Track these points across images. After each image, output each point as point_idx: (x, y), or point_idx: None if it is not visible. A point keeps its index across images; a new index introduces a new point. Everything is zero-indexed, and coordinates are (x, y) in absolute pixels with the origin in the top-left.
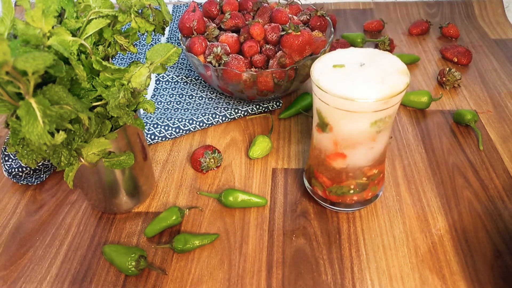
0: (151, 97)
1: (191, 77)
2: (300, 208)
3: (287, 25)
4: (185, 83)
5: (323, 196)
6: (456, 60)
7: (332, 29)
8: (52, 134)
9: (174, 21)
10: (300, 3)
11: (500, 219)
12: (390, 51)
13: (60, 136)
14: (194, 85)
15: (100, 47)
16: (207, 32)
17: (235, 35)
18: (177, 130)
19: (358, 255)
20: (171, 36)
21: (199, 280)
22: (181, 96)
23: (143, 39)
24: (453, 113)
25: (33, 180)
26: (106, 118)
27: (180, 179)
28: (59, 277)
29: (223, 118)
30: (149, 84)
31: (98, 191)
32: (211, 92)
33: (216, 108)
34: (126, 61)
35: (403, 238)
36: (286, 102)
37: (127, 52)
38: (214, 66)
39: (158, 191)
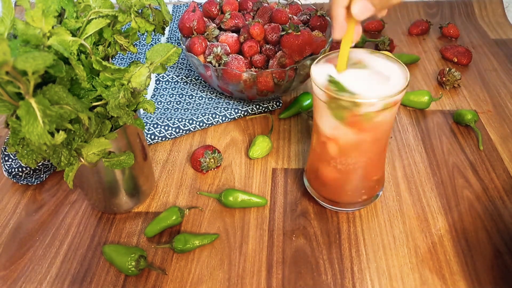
0: (151, 97)
1: (191, 77)
2: (300, 208)
3: (287, 25)
4: (185, 83)
5: (323, 195)
6: (456, 60)
7: None
8: (52, 134)
9: (174, 21)
10: (300, 3)
11: (500, 219)
12: (390, 51)
13: (60, 136)
14: (194, 85)
15: (100, 47)
16: (207, 32)
17: (235, 35)
18: (177, 130)
19: (358, 255)
20: (171, 36)
21: (199, 280)
22: (181, 96)
23: (143, 39)
24: (453, 113)
25: (33, 180)
26: (106, 118)
27: (180, 179)
28: (59, 277)
29: (223, 118)
30: (149, 84)
31: (98, 191)
32: (211, 92)
33: (216, 108)
34: (126, 61)
35: (403, 238)
36: (286, 102)
37: (127, 52)
38: (214, 66)
39: (158, 191)
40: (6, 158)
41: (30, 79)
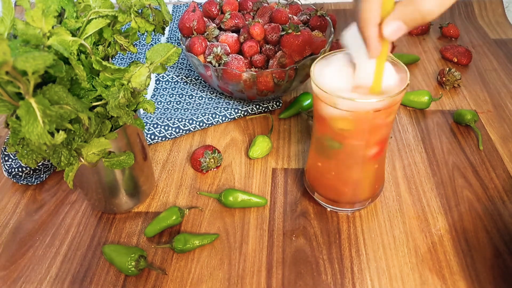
0: (151, 97)
1: (191, 77)
2: (300, 208)
3: (287, 25)
4: (185, 83)
5: (323, 195)
6: (456, 60)
7: (332, 29)
8: (52, 134)
9: (174, 21)
10: (300, 3)
11: (500, 219)
12: (390, 51)
13: (60, 136)
14: (194, 85)
15: (100, 47)
16: (207, 32)
17: (235, 35)
18: (177, 130)
19: (358, 255)
20: (171, 36)
21: (199, 280)
22: (181, 96)
23: (143, 39)
24: (453, 113)
25: (33, 180)
26: (106, 118)
27: (180, 179)
28: (59, 277)
29: (223, 118)
30: (149, 84)
31: (98, 191)
32: (211, 92)
33: (216, 108)
34: (126, 61)
35: (403, 238)
36: (286, 102)
37: (127, 52)
38: (214, 66)
39: (158, 191)
40: (6, 158)
41: (30, 79)
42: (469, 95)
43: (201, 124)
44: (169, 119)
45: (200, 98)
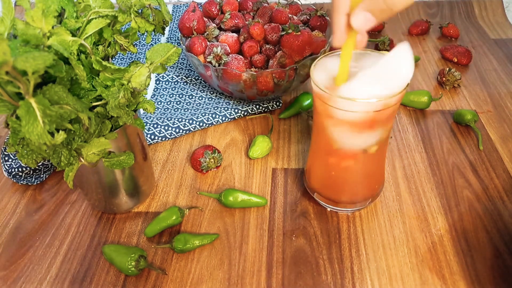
0: (151, 97)
1: (191, 77)
2: (300, 208)
3: (287, 25)
4: (185, 83)
5: (323, 195)
6: (456, 60)
7: None
8: (52, 134)
9: (174, 21)
10: (300, 3)
11: (500, 219)
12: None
13: (60, 136)
14: (194, 85)
15: (100, 47)
16: (207, 32)
17: (235, 35)
18: (177, 130)
19: (358, 255)
20: (171, 36)
21: (199, 280)
22: (181, 96)
23: (143, 39)
24: (453, 113)
25: (33, 180)
26: (106, 118)
27: (180, 179)
28: (59, 277)
29: (223, 118)
30: (149, 84)
31: (98, 191)
32: (211, 92)
33: (216, 108)
34: (126, 61)
35: (403, 238)
36: (286, 102)
37: (127, 52)
38: (214, 66)
39: (158, 191)
40: (6, 158)
41: (30, 79)
42: (469, 95)
43: (201, 124)
44: (169, 119)
45: (200, 98)
